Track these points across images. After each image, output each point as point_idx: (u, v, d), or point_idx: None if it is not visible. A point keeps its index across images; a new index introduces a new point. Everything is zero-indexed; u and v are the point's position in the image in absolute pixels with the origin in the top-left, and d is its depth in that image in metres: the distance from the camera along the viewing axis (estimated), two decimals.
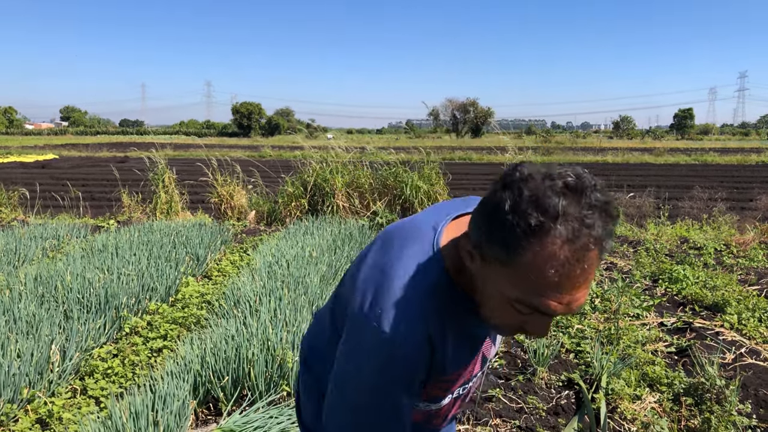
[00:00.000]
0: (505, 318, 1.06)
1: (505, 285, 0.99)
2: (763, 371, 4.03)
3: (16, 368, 3.21)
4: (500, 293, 1.02)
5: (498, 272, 1.00)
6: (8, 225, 8.22)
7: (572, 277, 0.94)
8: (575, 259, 0.92)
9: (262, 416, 3.01)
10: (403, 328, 1.07)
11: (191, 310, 4.80)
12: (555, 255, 0.92)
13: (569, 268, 0.93)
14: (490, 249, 0.98)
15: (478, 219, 1.02)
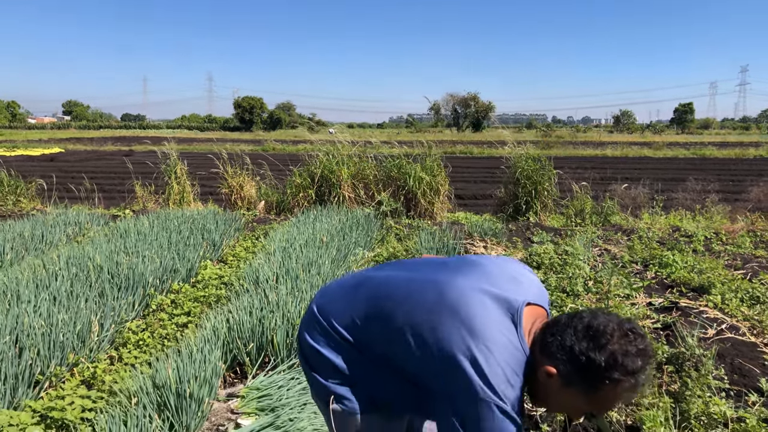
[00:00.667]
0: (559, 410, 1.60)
1: (578, 402, 1.49)
2: (740, 344, 4.38)
3: (63, 336, 3.57)
4: (570, 404, 1.51)
5: (575, 394, 1.48)
6: (28, 214, 8.58)
7: (627, 400, 1.49)
8: (634, 393, 1.46)
9: (284, 377, 3.36)
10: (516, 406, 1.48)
11: (211, 290, 5.16)
12: (623, 394, 1.45)
13: (628, 398, 1.49)
14: (576, 383, 1.46)
15: (569, 359, 1.46)
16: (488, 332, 1.49)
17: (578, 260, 6.47)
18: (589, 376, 1.43)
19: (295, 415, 2.93)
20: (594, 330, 1.44)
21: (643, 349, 1.43)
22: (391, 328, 1.63)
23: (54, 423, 2.90)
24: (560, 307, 5.11)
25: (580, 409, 1.52)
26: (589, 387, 1.44)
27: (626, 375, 1.40)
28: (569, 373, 1.46)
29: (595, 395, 1.45)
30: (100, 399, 3.22)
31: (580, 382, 1.45)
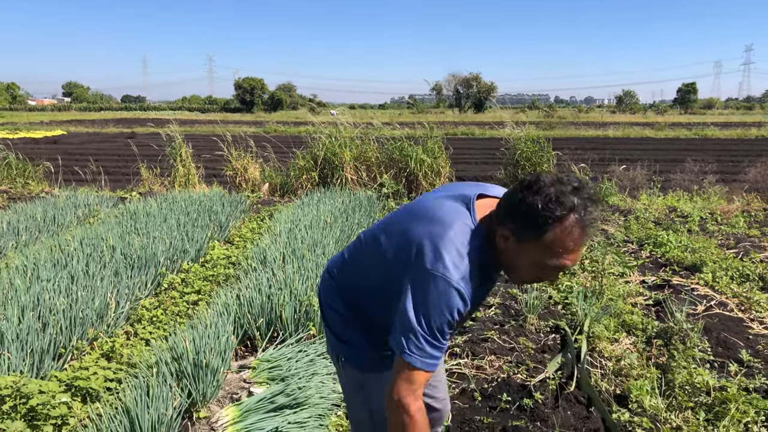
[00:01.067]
0: (530, 275, 1.66)
1: (535, 255, 1.58)
2: (727, 319, 4.58)
3: (82, 313, 3.77)
4: (531, 261, 1.60)
5: (530, 247, 1.58)
6: (38, 196, 8.76)
7: (579, 243, 1.56)
8: (582, 232, 1.54)
9: (293, 350, 3.57)
10: (464, 284, 1.60)
11: (219, 269, 5.35)
12: (571, 232, 1.53)
13: (578, 238, 1.55)
14: (526, 233, 1.57)
15: (515, 214, 1.58)
16: (444, 217, 1.68)
17: None
18: (534, 222, 1.53)
19: (303, 384, 3.13)
20: (531, 183, 1.57)
21: (578, 188, 1.53)
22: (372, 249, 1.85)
23: (79, 391, 3.10)
24: (557, 286, 5.30)
25: (544, 265, 1.58)
26: (538, 232, 1.53)
27: (565, 210, 1.50)
28: (518, 228, 1.58)
29: (547, 241, 1.53)
30: (119, 370, 3.42)
31: (529, 231, 1.55)
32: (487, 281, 1.75)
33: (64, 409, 2.84)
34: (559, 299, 4.95)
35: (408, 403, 1.63)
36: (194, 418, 2.97)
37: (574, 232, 1.53)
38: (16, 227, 6.01)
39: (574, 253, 1.57)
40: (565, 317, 4.57)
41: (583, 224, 1.53)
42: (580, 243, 1.56)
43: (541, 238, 1.55)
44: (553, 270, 1.61)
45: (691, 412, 3.26)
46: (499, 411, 3.23)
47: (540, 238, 1.55)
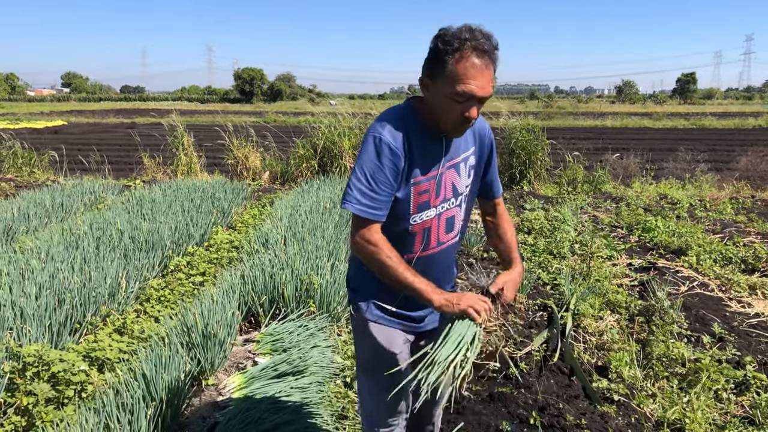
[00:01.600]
0: (450, 112, 1.82)
1: (445, 88, 1.78)
2: (707, 298, 4.82)
3: (95, 291, 4.00)
4: (443, 96, 1.80)
5: (439, 83, 1.79)
6: (44, 184, 8.98)
7: (479, 69, 1.76)
8: (478, 58, 1.76)
9: (294, 325, 3.80)
10: (386, 132, 1.86)
11: (223, 252, 5.58)
12: (468, 57, 1.75)
13: (477, 63, 1.76)
14: (434, 70, 1.81)
15: (426, 60, 1.84)
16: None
17: (566, 225, 6.88)
18: (438, 59, 1.79)
19: (304, 354, 3.37)
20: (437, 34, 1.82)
21: (471, 28, 1.79)
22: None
23: (96, 361, 3.34)
24: (546, 268, 5.54)
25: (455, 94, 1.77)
26: (443, 66, 1.78)
27: (458, 41, 1.75)
28: (430, 70, 1.83)
29: (451, 70, 1.76)
30: (131, 344, 3.66)
31: (437, 68, 1.80)
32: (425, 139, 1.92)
33: (83, 376, 3.07)
34: (548, 280, 5.18)
35: (364, 235, 1.87)
36: (203, 384, 3.21)
37: (471, 57, 1.75)
38: (27, 213, 6.22)
39: (478, 79, 1.76)
40: (553, 297, 4.80)
41: (477, 50, 1.76)
42: (480, 69, 1.77)
43: (446, 70, 1.77)
44: (464, 99, 1.78)
45: (666, 381, 3.50)
46: (486, 380, 3.46)
47: (445, 70, 1.78)
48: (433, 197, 1.94)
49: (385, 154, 1.83)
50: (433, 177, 1.92)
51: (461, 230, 2.13)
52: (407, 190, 1.89)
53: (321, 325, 3.82)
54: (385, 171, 1.83)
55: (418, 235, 1.97)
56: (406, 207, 1.92)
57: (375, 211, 1.85)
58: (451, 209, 2.01)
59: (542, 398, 3.21)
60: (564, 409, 3.09)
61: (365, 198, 1.83)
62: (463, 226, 2.12)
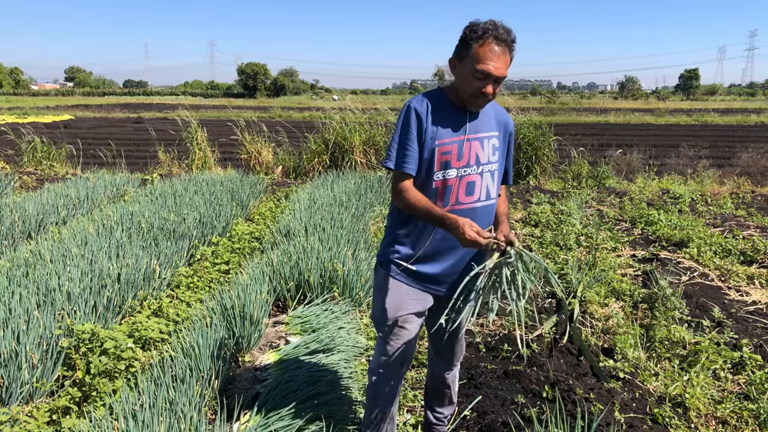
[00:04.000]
0: (470, 86, 2.25)
1: (468, 66, 2.23)
2: (707, 287, 5.08)
3: (133, 276, 4.27)
4: (466, 73, 2.25)
5: (465, 63, 2.25)
6: (64, 178, 9.25)
7: (497, 54, 2.21)
8: (497, 45, 2.22)
9: (320, 309, 4.07)
10: (415, 101, 2.36)
11: (244, 243, 5.85)
12: (489, 44, 2.21)
13: (495, 49, 2.22)
14: (461, 52, 2.27)
15: (456, 46, 2.29)
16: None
17: (572, 219, 7.14)
18: (465, 43, 2.25)
19: (331, 334, 3.64)
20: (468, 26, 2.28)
21: (495, 23, 2.24)
22: None
23: (140, 340, 3.61)
24: (553, 259, 5.80)
25: (475, 71, 2.21)
26: (468, 49, 2.23)
27: (481, 31, 2.20)
28: (457, 52, 2.30)
29: (474, 53, 2.21)
30: (169, 324, 3.93)
31: (463, 50, 2.26)
32: (450, 111, 2.36)
33: (130, 353, 3.34)
34: (555, 270, 5.44)
35: (396, 184, 2.35)
36: (240, 361, 3.48)
37: (492, 44, 2.20)
38: (55, 205, 6.50)
39: (495, 61, 2.20)
40: (561, 286, 5.06)
41: (497, 39, 2.20)
42: (497, 54, 2.20)
43: (470, 52, 2.22)
44: (483, 76, 2.21)
45: (668, 362, 3.76)
46: (501, 359, 3.73)
47: (470, 52, 2.22)
48: (454, 159, 2.32)
49: (412, 118, 2.30)
50: (456, 141, 2.33)
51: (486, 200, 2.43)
52: (432, 149, 2.30)
53: (344, 309, 4.08)
54: (412, 131, 2.30)
55: (440, 190, 2.34)
56: (432, 164, 2.32)
57: (405, 164, 2.31)
58: (472, 175, 2.36)
59: (553, 375, 3.47)
60: (573, 385, 3.35)
61: (397, 155, 2.32)
62: (486, 196, 2.44)
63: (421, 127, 2.31)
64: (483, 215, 2.43)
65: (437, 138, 2.31)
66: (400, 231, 2.44)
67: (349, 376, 3.28)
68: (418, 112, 2.31)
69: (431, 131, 2.31)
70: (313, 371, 3.20)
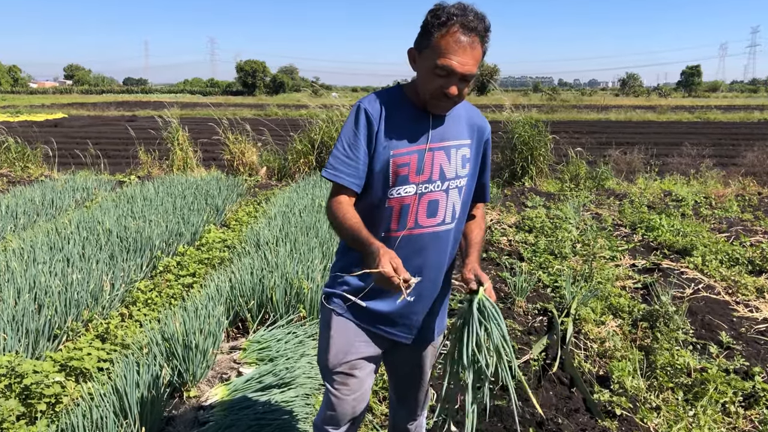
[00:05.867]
0: (431, 85, 1.82)
1: (429, 60, 1.80)
2: (713, 302, 4.65)
3: (77, 294, 3.85)
4: (426, 69, 1.82)
5: (425, 56, 1.82)
6: (37, 180, 8.83)
7: (463, 46, 1.76)
8: (464, 35, 1.76)
9: (283, 332, 3.64)
10: (366, 101, 1.92)
11: (214, 252, 5.42)
12: (453, 33, 1.76)
13: (461, 40, 1.76)
14: (421, 42, 1.83)
15: (418, 34, 1.85)
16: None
17: (568, 224, 6.71)
18: (426, 31, 1.82)
19: (291, 364, 3.21)
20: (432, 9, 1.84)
21: (464, 6, 1.80)
22: None
23: (73, 371, 3.19)
24: (547, 269, 5.37)
25: (436, 67, 1.78)
26: (429, 38, 1.80)
27: (445, 16, 1.77)
28: (418, 42, 1.86)
29: (435, 43, 1.78)
30: (113, 351, 3.51)
31: (424, 41, 1.83)
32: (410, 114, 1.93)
33: (57, 388, 2.92)
34: (548, 282, 5.01)
35: (329, 201, 1.92)
36: (184, 396, 3.06)
37: (457, 33, 1.76)
38: (15, 211, 6.08)
39: (459, 55, 1.76)
40: (554, 300, 4.64)
41: (464, 27, 1.77)
42: (464, 46, 1.77)
43: (432, 42, 1.79)
44: (444, 73, 1.78)
45: (671, 392, 3.34)
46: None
47: (431, 42, 1.79)
48: (413, 173, 1.89)
49: (361, 121, 1.88)
50: (415, 152, 1.89)
51: (450, 222, 1.99)
52: (386, 160, 1.88)
53: (311, 332, 3.66)
54: (359, 137, 1.88)
55: (396, 210, 1.91)
56: (386, 179, 1.89)
57: (347, 177, 1.87)
58: (435, 193, 1.93)
59: (541, 412, 3.05)
60: (563, 425, 2.93)
61: (340, 164, 1.88)
62: (452, 218, 1.99)
63: (371, 132, 1.88)
64: (447, 241, 2.00)
65: (392, 147, 1.88)
66: (349, 258, 2.01)
67: (305, 417, 2.86)
68: (368, 114, 1.88)
69: (384, 138, 1.88)
70: (263, 412, 2.79)
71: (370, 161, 1.89)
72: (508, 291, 4.73)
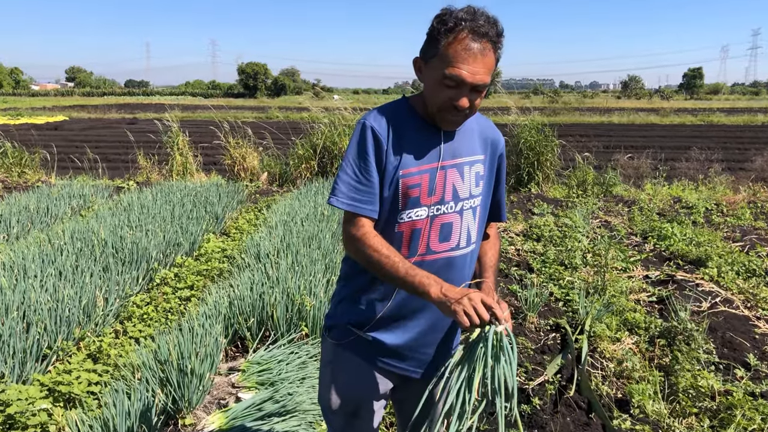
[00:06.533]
0: (440, 97, 1.65)
1: (436, 70, 1.63)
2: (733, 317, 4.45)
3: (68, 311, 3.67)
4: (434, 79, 1.65)
5: (432, 65, 1.65)
6: (34, 186, 8.65)
7: (473, 53, 1.59)
8: (474, 42, 1.60)
9: (284, 352, 3.46)
10: (372, 117, 1.73)
11: (214, 263, 5.25)
12: (462, 40, 1.60)
13: (471, 47, 1.60)
14: (429, 52, 1.66)
15: (424, 42, 1.68)
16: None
17: (577, 233, 6.52)
18: (433, 38, 1.65)
19: (293, 389, 3.03)
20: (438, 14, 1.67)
21: (474, 10, 1.64)
22: None
23: (61, 396, 3.01)
24: (557, 281, 5.18)
25: (444, 77, 1.62)
26: (436, 46, 1.63)
27: (453, 21, 1.60)
28: (424, 51, 1.69)
29: (443, 51, 1.61)
30: (105, 373, 3.33)
31: (431, 49, 1.65)
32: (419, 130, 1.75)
33: (44, 416, 2.74)
34: (560, 295, 4.83)
35: (350, 231, 1.71)
36: (179, 425, 2.87)
37: (466, 40, 1.59)
38: (8, 219, 5.90)
39: (470, 64, 1.60)
40: (566, 315, 4.45)
41: (474, 33, 1.60)
42: (474, 53, 1.60)
43: (439, 50, 1.62)
44: (453, 84, 1.62)
45: (695, 418, 3.15)
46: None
47: (438, 50, 1.62)
48: (425, 194, 1.72)
49: (369, 140, 1.69)
50: (426, 171, 1.72)
51: (465, 246, 1.81)
52: (395, 181, 1.70)
53: (313, 352, 3.48)
54: (369, 158, 1.69)
55: (405, 235, 1.74)
56: (395, 201, 1.72)
57: (364, 204, 1.69)
58: (449, 215, 1.76)
59: None
60: None
61: (353, 191, 1.70)
62: (467, 242, 1.81)
63: (380, 151, 1.69)
64: (462, 267, 1.81)
65: (402, 167, 1.70)
66: (354, 285, 1.82)
67: None
68: (375, 132, 1.69)
69: (394, 157, 1.70)
70: None
71: (380, 182, 1.71)
72: (519, 305, 4.54)
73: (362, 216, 1.69)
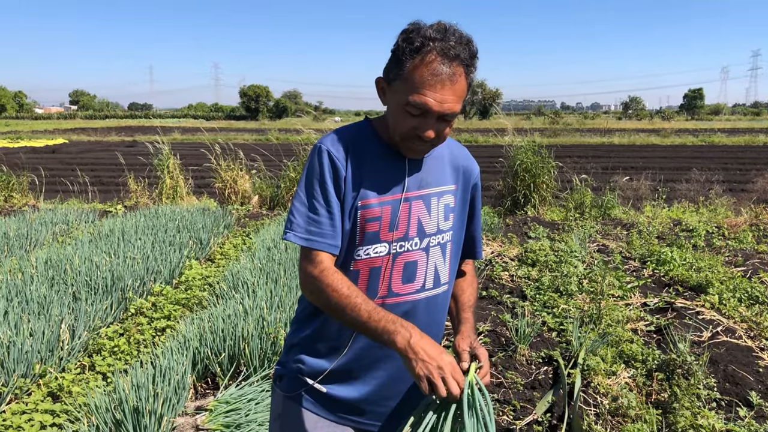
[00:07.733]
0: (403, 125, 1.46)
1: (399, 95, 1.44)
2: (735, 348, 4.22)
3: (29, 346, 3.46)
4: (397, 104, 1.46)
5: (396, 89, 1.46)
6: (19, 210, 8.48)
7: (441, 79, 1.40)
8: (444, 65, 1.40)
9: (256, 389, 3.24)
10: (328, 140, 1.53)
11: (194, 291, 5.04)
12: (430, 63, 1.40)
13: (440, 71, 1.40)
14: (391, 72, 1.46)
15: (388, 61, 1.49)
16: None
17: (573, 258, 6.31)
18: (397, 58, 1.45)
19: None
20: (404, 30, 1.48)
21: (445, 27, 1.44)
22: None
23: None
24: (551, 309, 4.96)
25: (408, 104, 1.43)
26: (401, 67, 1.43)
27: (423, 40, 1.41)
28: (387, 71, 1.49)
29: (408, 74, 1.42)
30: (64, 413, 3.11)
31: (394, 69, 1.46)
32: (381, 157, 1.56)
33: None
34: (554, 325, 4.60)
35: (308, 269, 1.49)
36: None
37: (434, 63, 1.40)
38: None
39: (437, 91, 1.40)
40: (560, 346, 4.23)
41: (444, 55, 1.41)
42: (442, 79, 1.40)
43: (403, 73, 1.43)
44: (418, 112, 1.43)
45: None
46: None
47: (402, 72, 1.43)
48: (385, 229, 1.53)
49: (327, 166, 1.50)
50: (388, 203, 1.53)
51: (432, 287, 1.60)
52: (353, 213, 1.51)
53: None
54: (329, 187, 1.49)
55: (362, 274, 1.54)
56: (353, 236, 1.52)
57: (322, 239, 1.48)
58: (413, 252, 1.56)
59: None
60: None
61: (310, 224, 1.49)
62: (434, 282, 1.61)
63: (338, 179, 1.50)
64: (429, 311, 1.61)
65: (360, 197, 1.51)
66: (306, 329, 1.62)
67: None
68: (333, 157, 1.50)
69: (353, 187, 1.51)
70: None
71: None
72: (510, 336, 4.32)
73: (321, 251, 1.48)
